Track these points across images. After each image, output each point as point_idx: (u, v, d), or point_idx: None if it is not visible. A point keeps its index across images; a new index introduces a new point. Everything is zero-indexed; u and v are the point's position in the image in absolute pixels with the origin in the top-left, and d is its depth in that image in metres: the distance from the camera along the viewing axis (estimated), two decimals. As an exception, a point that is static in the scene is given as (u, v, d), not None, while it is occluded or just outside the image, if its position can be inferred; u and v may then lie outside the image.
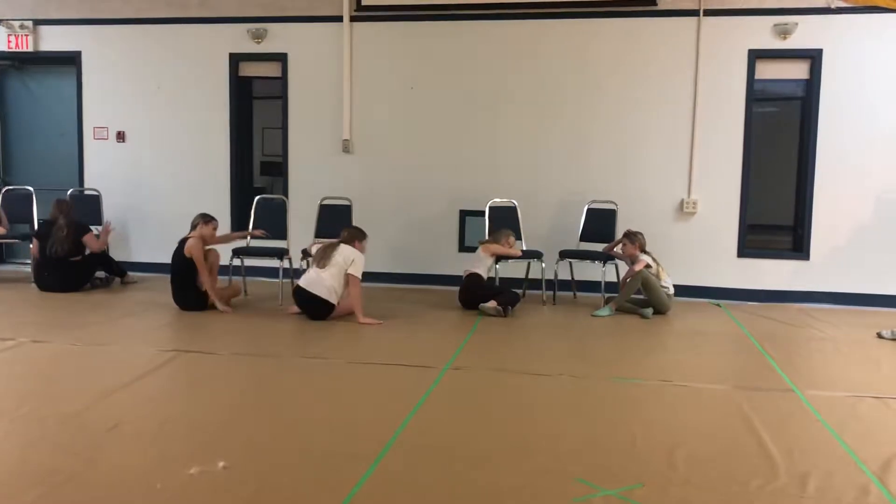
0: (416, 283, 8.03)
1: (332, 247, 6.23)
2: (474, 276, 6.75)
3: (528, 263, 7.49)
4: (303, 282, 6.19)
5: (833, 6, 7.19)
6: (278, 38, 8.17)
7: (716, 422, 3.98)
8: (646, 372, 4.91)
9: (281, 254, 7.17)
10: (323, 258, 6.16)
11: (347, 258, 6.14)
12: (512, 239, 7.03)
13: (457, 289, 6.93)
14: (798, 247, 7.57)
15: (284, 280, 7.15)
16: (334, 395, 4.29)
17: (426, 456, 3.36)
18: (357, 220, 7.31)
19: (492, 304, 6.49)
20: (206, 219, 6.61)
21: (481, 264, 6.84)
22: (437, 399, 4.22)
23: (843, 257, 7.41)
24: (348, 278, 6.13)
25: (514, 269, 7.45)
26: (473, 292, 6.69)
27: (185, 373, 4.69)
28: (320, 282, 6.09)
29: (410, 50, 8.01)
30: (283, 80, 8.22)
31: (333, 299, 6.10)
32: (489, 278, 6.93)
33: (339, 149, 8.13)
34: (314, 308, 6.14)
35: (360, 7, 8.01)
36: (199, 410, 3.95)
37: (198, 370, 4.74)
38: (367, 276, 6.47)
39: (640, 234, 6.90)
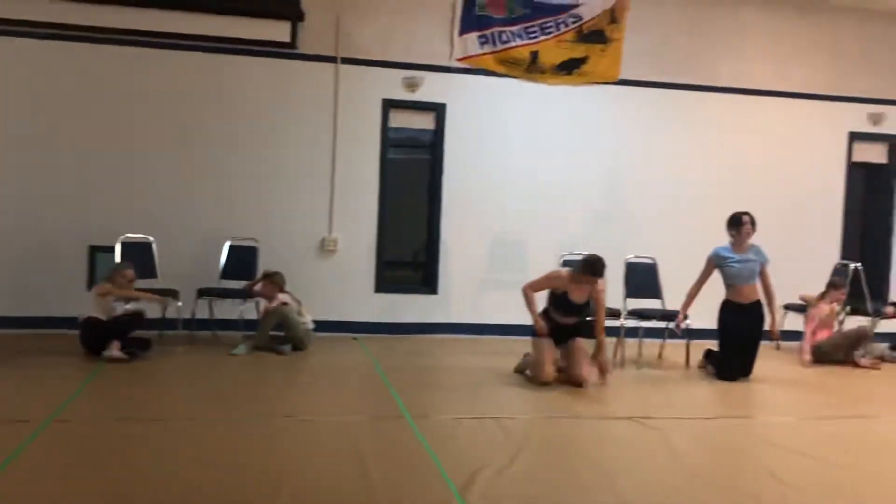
0: (36, 327, 7.21)
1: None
2: (91, 320, 6.20)
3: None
4: None
5: (453, 66, 7.99)
6: None
7: (328, 453, 4.09)
8: (273, 409, 4.92)
9: None
10: None
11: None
12: (131, 273, 6.53)
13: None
14: (428, 282, 8.20)
15: None
16: None
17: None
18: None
19: (115, 347, 6.04)
20: None
21: (98, 307, 6.28)
22: (33, 456, 3.79)
23: (466, 292, 8.19)
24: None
25: (148, 309, 7.04)
26: (95, 336, 6.16)
27: None
28: None
29: (30, 74, 7.28)
30: None
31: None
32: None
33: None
34: None
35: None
36: None
37: None
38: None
39: (279, 273, 6.96)
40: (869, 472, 4.13)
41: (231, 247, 7.51)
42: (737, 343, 6.36)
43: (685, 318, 6.48)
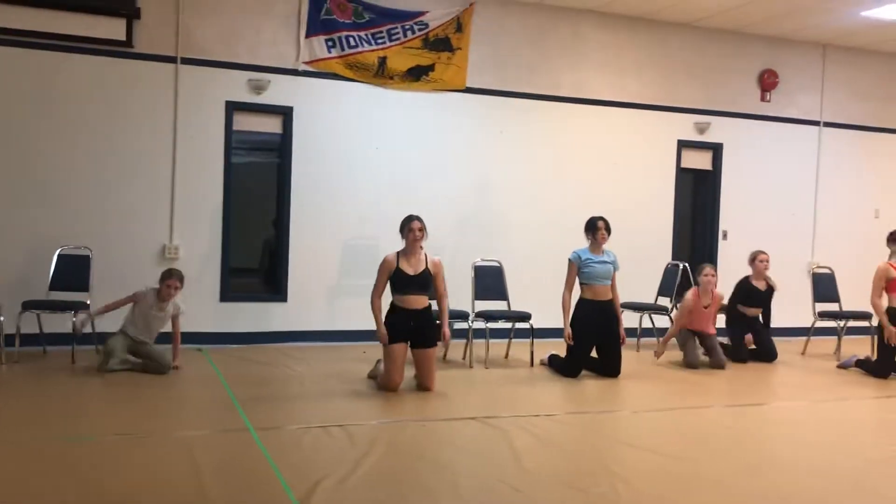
0: None
1: None
2: None
3: (-16, 318, 6.59)
4: None
5: (300, 69, 7.88)
6: None
7: (162, 472, 3.90)
8: (105, 427, 4.65)
9: None
10: None
11: None
12: None
13: None
14: (276, 289, 8.03)
15: None
16: None
17: None
18: None
19: None
20: None
21: None
22: None
23: (317, 298, 8.08)
24: None
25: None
26: None
27: None
28: None
29: None
30: None
31: None
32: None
33: None
34: None
35: None
36: None
37: None
38: None
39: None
40: (697, 461, 4.42)
41: (61, 255, 7.03)
42: (589, 339, 6.62)
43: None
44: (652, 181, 9.34)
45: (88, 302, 6.78)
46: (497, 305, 7.50)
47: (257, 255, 8.37)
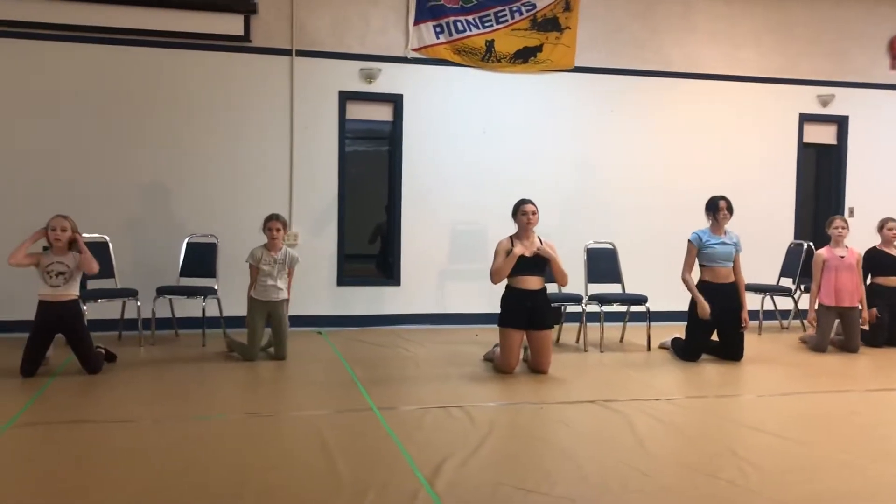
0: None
1: None
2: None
3: (123, 303, 7.04)
4: None
5: (409, 56, 7.98)
6: None
7: (293, 449, 4.07)
8: (235, 406, 4.89)
9: None
10: None
11: None
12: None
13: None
14: (390, 274, 8.19)
15: None
16: None
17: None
18: None
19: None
20: None
21: None
22: (-11, 463, 3.73)
23: (427, 282, 8.20)
24: None
25: (106, 310, 6.96)
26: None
27: None
28: None
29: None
30: None
31: None
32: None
33: None
34: None
35: None
36: None
37: None
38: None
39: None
40: (825, 446, 4.25)
41: (190, 243, 7.42)
42: (709, 322, 6.43)
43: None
44: (772, 157, 8.97)
45: (216, 287, 7.12)
46: (610, 288, 7.39)
47: (370, 240, 8.55)
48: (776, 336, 7.90)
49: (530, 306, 5.86)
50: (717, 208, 6.53)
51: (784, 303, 8.32)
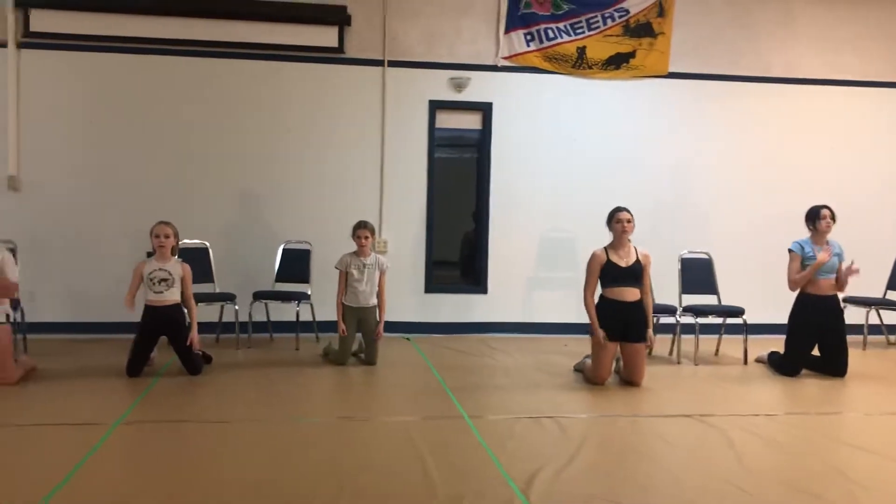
0: (97, 332, 7.42)
1: None
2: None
3: (221, 307, 7.29)
4: None
5: (499, 64, 7.99)
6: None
7: (386, 454, 4.12)
8: (328, 410, 4.99)
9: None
10: None
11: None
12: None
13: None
14: (477, 281, 8.21)
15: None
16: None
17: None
18: (27, 265, 6.62)
19: None
20: None
21: None
22: (104, 457, 3.92)
23: (514, 290, 8.17)
24: None
25: (205, 314, 7.21)
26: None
27: None
28: None
29: (88, 81, 7.51)
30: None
31: None
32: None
33: (2, 186, 7.36)
34: None
35: (28, 33, 7.35)
36: None
37: None
38: (41, 327, 5.85)
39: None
40: (940, 468, 4.02)
41: (285, 249, 7.63)
42: (810, 336, 6.23)
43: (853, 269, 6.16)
44: (879, 165, 8.56)
45: (309, 292, 7.30)
46: (706, 300, 7.20)
47: (458, 248, 8.59)
48: (882, 352, 7.54)
49: (626, 319, 5.77)
50: (819, 216, 6.28)
51: (890, 317, 7.92)
